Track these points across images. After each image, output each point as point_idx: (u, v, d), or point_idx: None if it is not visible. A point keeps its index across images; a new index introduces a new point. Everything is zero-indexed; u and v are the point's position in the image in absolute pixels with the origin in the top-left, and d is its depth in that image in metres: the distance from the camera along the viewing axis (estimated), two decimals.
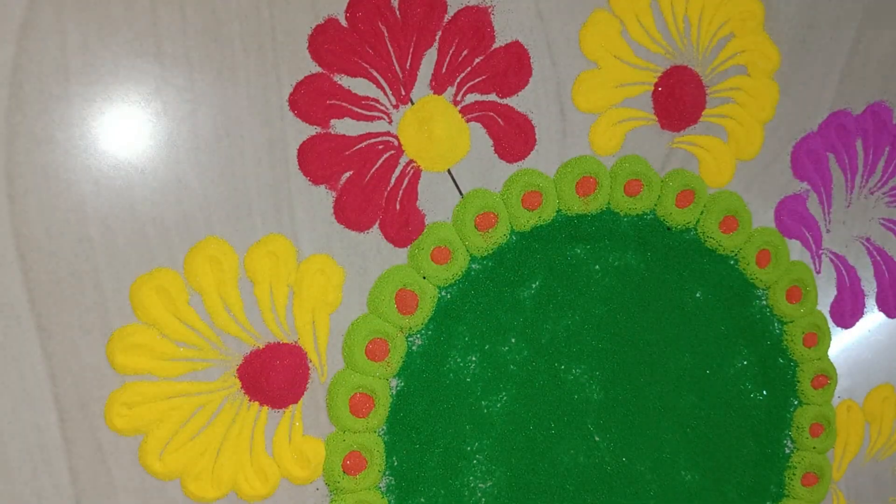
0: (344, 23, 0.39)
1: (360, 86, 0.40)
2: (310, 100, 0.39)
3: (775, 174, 0.49)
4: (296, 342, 0.40)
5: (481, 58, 0.42)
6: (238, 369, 0.39)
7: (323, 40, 0.39)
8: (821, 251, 0.50)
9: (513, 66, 0.43)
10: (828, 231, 0.50)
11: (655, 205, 0.46)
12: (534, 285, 0.44)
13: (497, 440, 0.44)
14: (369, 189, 0.40)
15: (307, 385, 0.41)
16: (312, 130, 0.39)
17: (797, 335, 0.50)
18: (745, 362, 0.49)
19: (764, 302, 0.49)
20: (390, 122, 0.40)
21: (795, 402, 0.51)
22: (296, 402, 0.41)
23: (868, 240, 0.51)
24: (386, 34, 0.40)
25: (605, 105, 0.45)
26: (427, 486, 0.43)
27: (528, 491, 0.45)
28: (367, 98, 0.40)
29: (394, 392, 0.42)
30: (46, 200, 0.36)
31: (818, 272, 0.50)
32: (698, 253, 0.48)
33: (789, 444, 0.51)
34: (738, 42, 0.47)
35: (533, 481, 0.45)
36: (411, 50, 0.40)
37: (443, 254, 0.42)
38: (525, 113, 0.43)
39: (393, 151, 0.41)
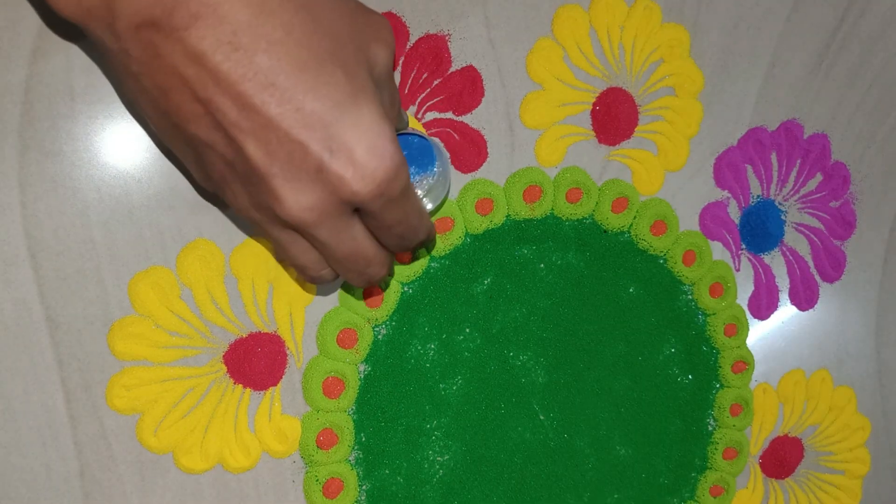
0: None
1: None
2: None
3: (699, 183, 0.50)
4: (275, 332, 0.41)
5: (439, 80, 0.43)
6: (224, 356, 0.40)
7: None
8: (740, 251, 0.52)
9: (467, 88, 0.43)
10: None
11: (593, 210, 0.47)
12: (486, 281, 0.46)
13: (453, 419, 0.46)
14: None
15: (285, 370, 0.42)
16: None
17: (719, 326, 0.51)
18: (673, 350, 0.51)
19: (690, 296, 0.51)
20: None
21: (717, 386, 0.52)
22: (275, 384, 0.42)
23: (782, 241, 0.53)
24: None
25: (549, 122, 0.45)
26: (391, 459, 0.44)
27: (481, 463, 0.46)
28: None
29: (362, 376, 0.43)
30: (54, 206, 0.36)
31: (738, 270, 0.52)
32: (631, 253, 0.49)
33: (712, 422, 0.52)
34: (667, 66, 0.47)
35: (485, 455, 0.47)
36: None
37: (405, 253, 0.44)
38: (478, 129, 0.44)
39: None
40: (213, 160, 0.30)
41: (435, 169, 0.39)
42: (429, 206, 0.40)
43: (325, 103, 0.28)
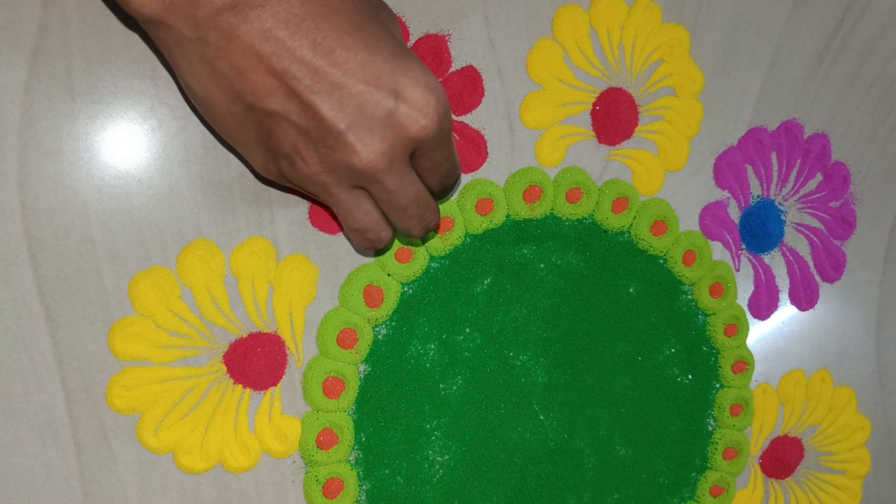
0: None
1: None
2: None
3: (699, 183, 0.50)
4: (275, 332, 0.41)
5: (439, 80, 0.42)
6: (224, 356, 0.40)
7: None
8: (740, 251, 0.52)
9: (467, 88, 0.43)
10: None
11: (593, 210, 0.47)
12: (486, 281, 0.46)
13: (453, 419, 0.46)
14: None
15: (285, 370, 0.42)
16: None
17: (719, 326, 0.51)
18: (673, 350, 0.51)
19: (689, 296, 0.51)
20: None
21: (717, 386, 0.52)
22: (275, 384, 0.42)
23: (782, 241, 0.53)
24: None
25: (549, 122, 0.46)
26: (391, 459, 0.45)
27: (481, 463, 0.47)
28: None
29: (362, 376, 0.43)
30: (54, 206, 0.36)
31: (737, 270, 0.52)
32: (631, 253, 0.49)
33: (712, 422, 0.52)
34: (667, 66, 0.48)
35: (485, 455, 0.47)
36: None
37: (405, 254, 0.43)
38: (478, 129, 0.44)
39: None
40: (285, 132, 0.32)
41: None
42: None
43: (384, 55, 0.32)
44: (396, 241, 0.43)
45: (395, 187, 0.34)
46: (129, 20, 0.37)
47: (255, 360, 0.41)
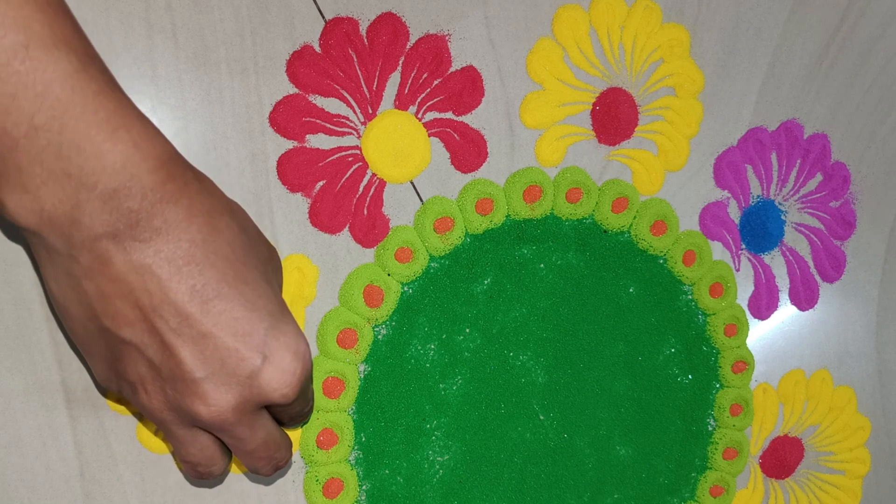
0: (318, 49, 0.40)
1: (332, 105, 0.41)
2: (288, 117, 0.40)
3: (699, 183, 0.50)
4: None
5: (439, 80, 0.43)
6: None
7: (299, 65, 0.40)
8: (740, 251, 0.52)
9: (467, 88, 0.43)
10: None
11: (593, 210, 0.48)
12: (486, 281, 0.46)
13: (453, 419, 0.46)
14: (340, 196, 0.42)
15: None
16: (290, 144, 0.40)
17: (719, 326, 0.51)
18: (673, 350, 0.51)
19: (689, 296, 0.51)
20: (359, 137, 0.42)
21: (717, 386, 0.52)
22: None
23: (782, 241, 0.53)
24: (355, 59, 0.41)
25: (548, 122, 0.46)
26: (391, 459, 0.45)
27: (481, 464, 0.47)
28: (339, 116, 0.41)
29: (362, 376, 0.43)
30: None
31: (737, 270, 0.52)
32: (631, 253, 0.49)
33: (712, 422, 0.52)
34: (667, 66, 0.48)
35: (485, 455, 0.47)
36: (377, 73, 0.41)
37: (405, 254, 0.43)
38: (478, 129, 0.44)
39: (361, 163, 0.42)
40: (136, 362, 0.31)
41: None
42: None
43: (261, 314, 0.31)
44: (395, 235, 0.43)
45: (243, 436, 0.33)
46: (129, 20, 0.37)
47: None
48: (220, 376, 0.30)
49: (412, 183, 0.44)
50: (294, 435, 0.42)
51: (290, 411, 0.35)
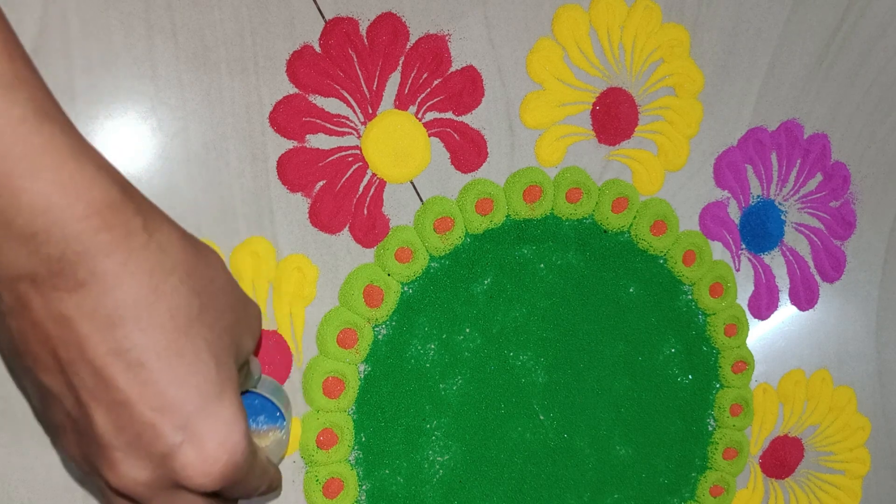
0: (318, 49, 0.40)
1: (332, 105, 0.41)
2: (288, 117, 0.40)
3: (699, 183, 0.50)
4: (275, 331, 0.41)
5: (439, 80, 0.43)
6: None
7: (299, 65, 0.40)
8: (740, 251, 0.52)
9: (467, 88, 0.44)
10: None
11: (593, 210, 0.48)
12: (486, 281, 0.46)
13: (453, 419, 0.46)
14: (340, 196, 0.42)
15: (290, 370, 0.42)
16: (290, 144, 0.40)
17: (719, 326, 0.52)
18: (673, 350, 0.51)
19: (690, 296, 0.51)
20: (359, 137, 0.42)
21: (717, 386, 0.52)
22: None
23: (782, 241, 0.53)
24: (355, 59, 0.41)
25: (549, 122, 0.46)
26: (391, 459, 0.45)
27: (481, 464, 0.47)
28: (339, 116, 0.41)
29: (362, 376, 0.43)
30: None
31: (738, 270, 0.52)
32: (631, 253, 0.49)
33: (712, 422, 0.52)
34: (667, 66, 0.48)
35: (485, 455, 0.47)
36: (377, 73, 0.41)
37: (405, 254, 0.44)
38: (478, 129, 0.44)
39: (361, 163, 0.42)
40: (56, 409, 0.29)
41: (284, 424, 0.39)
42: (275, 457, 0.39)
43: (190, 392, 0.27)
44: (395, 235, 0.43)
45: None
46: (129, 20, 0.37)
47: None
48: (133, 449, 0.27)
49: (412, 183, 0.44)
50: (294, 435, 0.42)
51: (225, 494, 0.31)
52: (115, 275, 0.26)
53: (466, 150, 0.45)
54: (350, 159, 0.42)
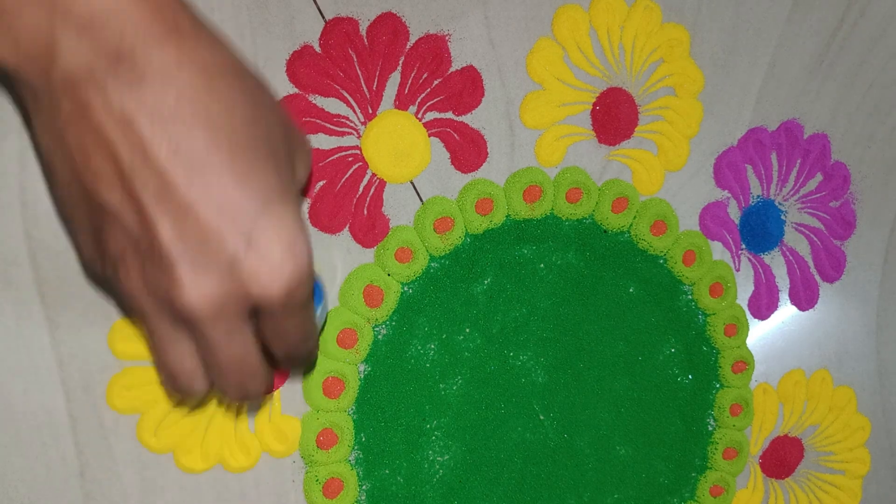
0: (318, 49, 0.40)
1: (332, 105, 0.41)
2: None
3: (699, 183, 0.50)
4: None
5: (439, 80, 0.43)
6: None
7: (299, 65, 0.40)
8: (740, 251, 0.52)
9: (467, 88, 0.44)
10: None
11: (593, 210, 0.48)
12: (486, 281, 0.46)
13: (453, 419, 0.46)
14: (340, 196, 0.42)
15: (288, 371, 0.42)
16: None
17: (719, 326, 0.52)
18: (673, 350, 0.51)
19: (690, 296, 0.51)
20: (359, 137, 0.42)
21: (717, 386, 0.52)
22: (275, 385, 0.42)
23: (782, 241, 0.53)
24: (355, 59, 0.41)
25: (549, 122, 0.46)
26: (391, 459, 0.45)
27: (481, 464, 0.47)
28: (339, 116, 0.41)
29: (362, 376, 0.44)
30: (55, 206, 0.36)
31: (738, 270, 0.52)
32: (631, 253, 0.49)
33: (712, 422, 0.52)
34: (667, 66, 0.48)
35: (485, 455, 0.47)
36: (377, 73, 0.41)
37: (405, 254, 0.44)
38: (478, 129, 0.44)
39: (361, 163, 0.42)
40: (114, 233, 0.27)
41: (322, 303, 0.37)
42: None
43: (254, 195, 0.27)
44: (394, 233, 0.43)
45: (217, 341, 0.28)
46: None
47: None
48: (199, 258, 0.26)
49: (412, 183, 0.44)
50: (294, 435, 0.42)
51: (283, 325, 0.30)
52: (171, 67, 0.25)
53: (466, 150, 0.45)
54: (350, 159, 0.42)
